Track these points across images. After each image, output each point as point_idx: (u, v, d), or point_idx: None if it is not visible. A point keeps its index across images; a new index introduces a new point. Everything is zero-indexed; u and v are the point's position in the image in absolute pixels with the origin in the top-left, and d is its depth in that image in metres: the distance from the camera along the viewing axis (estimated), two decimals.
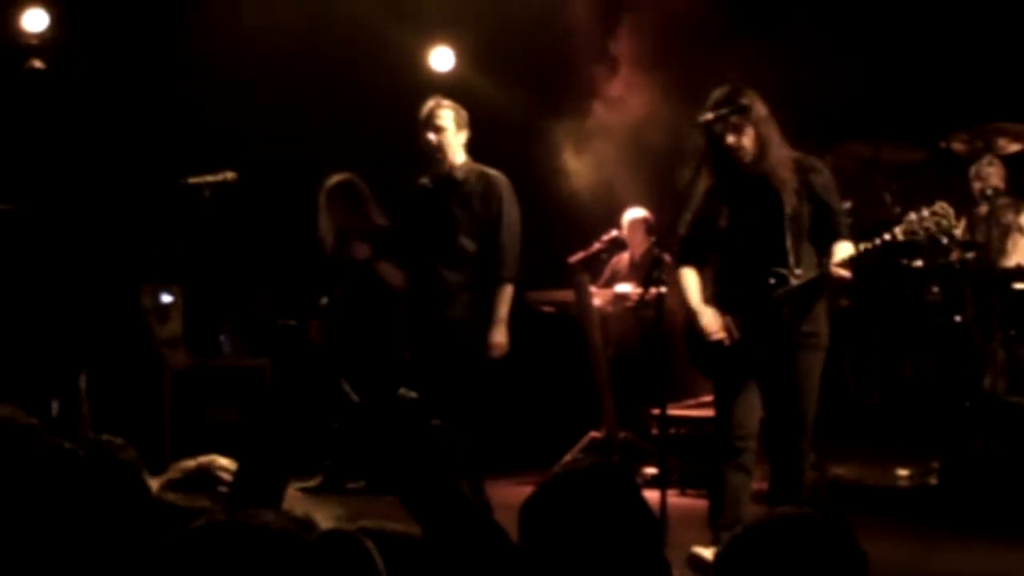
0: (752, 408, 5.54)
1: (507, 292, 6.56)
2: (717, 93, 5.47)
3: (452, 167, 6.67)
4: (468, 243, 6.59)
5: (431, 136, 6.63)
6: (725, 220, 5.55)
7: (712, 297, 5.65)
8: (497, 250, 6.56)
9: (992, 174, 7.88)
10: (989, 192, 7.81)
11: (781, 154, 5.48)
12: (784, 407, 5.44)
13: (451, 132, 6.63)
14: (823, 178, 5.55)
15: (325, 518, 2.57)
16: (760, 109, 5.46)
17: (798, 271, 5.39)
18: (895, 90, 8.58)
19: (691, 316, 5.62)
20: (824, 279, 5.39)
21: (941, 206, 5.30)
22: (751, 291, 5.46)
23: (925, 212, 5.29)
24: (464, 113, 6.71)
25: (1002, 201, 7.84)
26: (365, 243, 7.37)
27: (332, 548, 2.28)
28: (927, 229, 5.29)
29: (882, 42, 8.66)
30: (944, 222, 5.29)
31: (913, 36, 8.71)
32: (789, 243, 5.38)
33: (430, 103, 6.68)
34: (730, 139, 5.41)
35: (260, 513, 2.22)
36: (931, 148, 8.06)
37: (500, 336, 6.53)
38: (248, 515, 2.19)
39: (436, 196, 6.69)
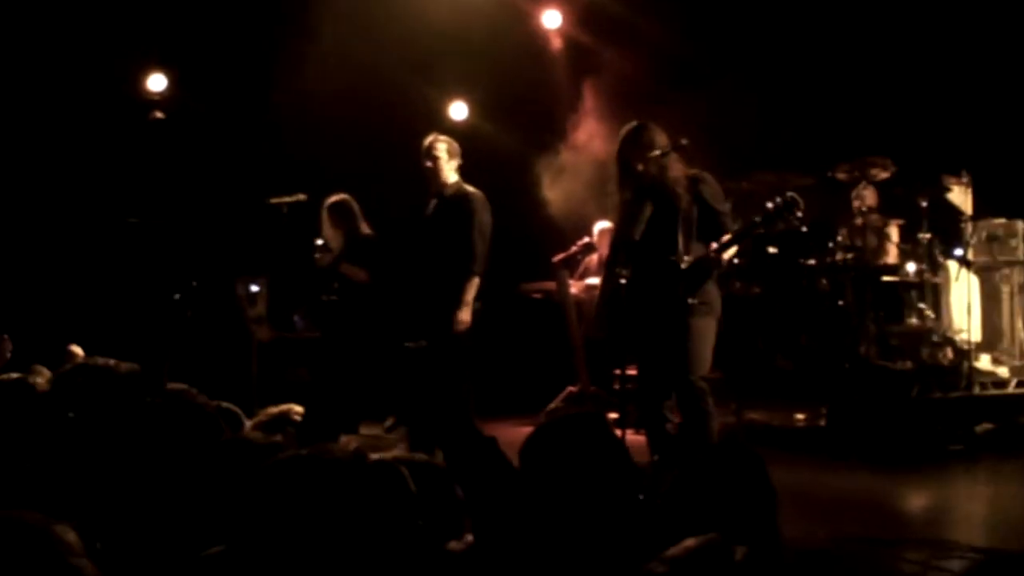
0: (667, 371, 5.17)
1: (473, 282, 6.21)
2: (625, 129, 5.22)
3: (444, 186, 6.43)
4: (452, 244, 6.32)
5: (428, 164, 6.41)
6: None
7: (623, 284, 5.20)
8: (468, 249, 6.25)
9: (867, 196, 7.86)
10: (864, 209, 7.80)
11: (677, 171, 5.17)
12: (681, 359, 5.05)
13: (444, 160, 6.39)
14: (710, 187, 5.22)
15: None
16: (661, 139, 5.17)
17: (687, 258, 5.04)
18: (793, 131, 8.54)
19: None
20: (708, 260, 5.05)
21: (789, 195, 4.94)
22: (652, 275, 5.11)
23: (778, 199, 4.93)
24: (456, 145, 6.47)
25: (874, 217, 7.83)
26: (328, 253, 6.89)
27: (377, 474, 2.25)
28: (781, 213, 4.90)
29: (782, 97, 8.65)
30: (792, 206, 4.89)
31: (806, 91, 8.70)
32: (681, 238, 5.04)
33: (429, 138, 6.47)
34: (640, 167, 5.14)
35: (331, 447, 2.20)
36: (820, 176, 8.02)
37: (463, 316, 6.18)
38: (323, 449, 2.17)
39: (435, 210, 6.49)
